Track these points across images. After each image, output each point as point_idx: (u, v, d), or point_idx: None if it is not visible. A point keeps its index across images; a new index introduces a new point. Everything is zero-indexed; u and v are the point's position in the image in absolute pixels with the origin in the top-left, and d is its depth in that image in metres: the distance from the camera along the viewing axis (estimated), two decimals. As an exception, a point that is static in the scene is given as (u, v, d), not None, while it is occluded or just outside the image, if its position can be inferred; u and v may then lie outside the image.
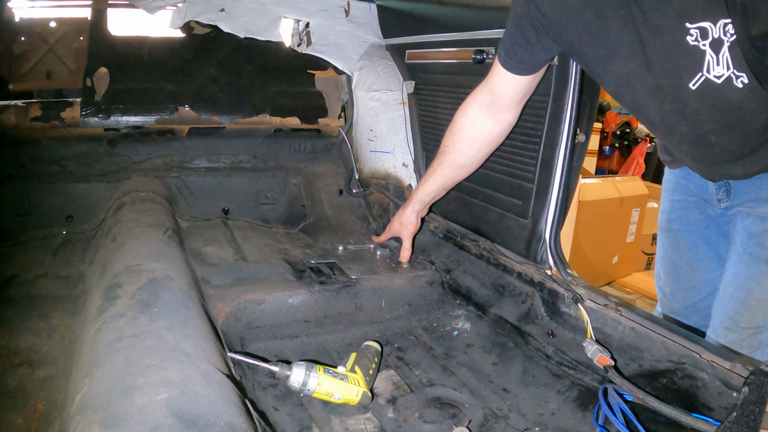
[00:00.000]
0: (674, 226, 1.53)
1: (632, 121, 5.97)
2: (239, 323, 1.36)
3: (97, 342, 0.94)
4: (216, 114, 2.15)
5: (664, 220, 1.57)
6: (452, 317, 1.56)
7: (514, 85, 1.33)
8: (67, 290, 1.42)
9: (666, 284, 1.61)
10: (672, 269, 1.58)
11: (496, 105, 1.38)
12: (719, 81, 1.01)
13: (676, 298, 1.58)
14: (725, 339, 1.34)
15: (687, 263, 1.53)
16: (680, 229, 1.52)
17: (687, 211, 1.49)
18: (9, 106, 1.91)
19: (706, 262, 1.49)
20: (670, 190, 1.54)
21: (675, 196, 1.52)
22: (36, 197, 1.85)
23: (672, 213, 1.53)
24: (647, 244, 3.78)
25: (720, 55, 0.98)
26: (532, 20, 1.20)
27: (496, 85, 1.35)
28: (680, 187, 1.49)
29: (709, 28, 0.96)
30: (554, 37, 1.21)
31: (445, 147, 1.50)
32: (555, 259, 1.43)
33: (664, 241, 1.58)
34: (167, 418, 0.73)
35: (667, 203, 1.55)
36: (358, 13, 2.08)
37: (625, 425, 0.97)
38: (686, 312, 1.57)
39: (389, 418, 1.13)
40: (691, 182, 1.47)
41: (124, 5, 2.06)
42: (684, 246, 1.52)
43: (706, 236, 1.47)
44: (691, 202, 1.47)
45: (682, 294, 1.56)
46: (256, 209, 2.15)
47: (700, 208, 1.46)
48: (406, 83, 1.97)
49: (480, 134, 1.45)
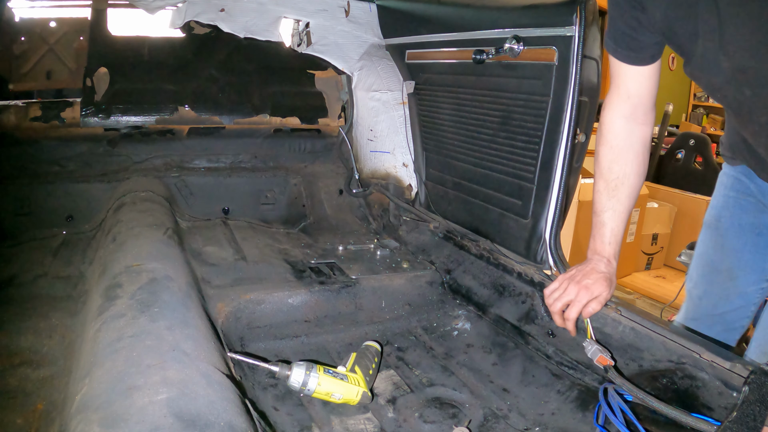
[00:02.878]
0: (723, 224, 1.39)
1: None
2: (239, 323, 1.36)
3: (97, 342, 0.94)
4: (216, 114, 2.15)
5: (713, 216, 1.42)
6: (452, 317, 1.56)
7: (646, 80, 1.19)
8: (67, 290, 1.42)
9: (696, 287, 1.48)
10: (709, 271, 1.44)
11: (637, 107, 1.23)
12: None
13: (704, 303, 1.45)
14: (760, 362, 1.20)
15: (727, 268, 1.39)
16: (728, 228, 1.38)
17: (741, 210, 1.35)
18: (9, 106, 1.91)
19: (747, 272, 1.36)
20: (727, 185, 1.39)
21: (731, 192, 1.38)
22: (36, 197, 1.85)
23: (724, 209, 1.39)
24: (647, 244, 3.78)
25: None
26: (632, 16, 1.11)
27: (632, 88, 1.21)
28: (738, 184, 1.36)
29: None
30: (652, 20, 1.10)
31: (616, 180, 1.25)
32: (555, 259, 1.43)
33: (707, 239, 1.44)
34: (167, 418, 0.73)
35: (720, 198, 1.41)
36: (358, 13, 2.07)
37: (625, 425, 0.96)
38: (710, 320, 1.44)
39: (389, 418, 1.13)
40: (753, 181, 1.33)
41: (124, 5, 2.06)
42: (728, 248, 1.38)
43: (755, 243, 1.34)
44: (748, 202, 1.34)
45: (713, 300, 1.43)
46: (256, 209, 2.15)
47: (756, 210, 1.33)
48: (406, 83, 1.97)
49: (640, 147, 1.25)
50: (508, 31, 1.45)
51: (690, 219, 3.67)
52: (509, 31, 1.44)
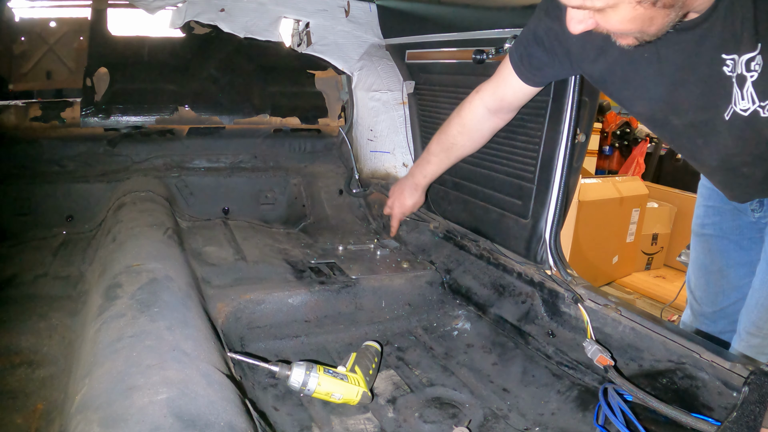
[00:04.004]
0: (707, 231, 1.53)
1: (632, 121, 5.96)
2: (239, 323, 1.36)
3: (97, 342, 0.94)
4: (216, 114, 2.15)
5: (698, 225, 1.56)
6: (452, 317, 1.56)
7: (523, 95, 1.38)
8: (67, 290, 1.42)
9: (696, 288, 1.61)
10: (703, 273, 1.58)
11: (504, 108, 1.45)
12: (746, 114, 1.03)
13: (705, 302, 1.58)
14: (748, 344, 1.34)
15: (718, 268, 1.53)
16: (713, 235, 1.51)
17: (721, 217, 1.49)
18: (9, 106, 1.91)
19: (736, 268, 1.49)
20: (705, 196, 1.54)
21: (710, 202, 1.52)
22: (36, 197, 1.85)
23: (706, 218, 1.53)
24: (647, 244, 3.78)
25: (744, 90, 1.00)
26: (552, 49, 1.23)
27: (508, 95, 1.40)
28: (716, 194, 1.48)
29: (736, 62, 0.99)
30: (579, 69, 1.24)
31: (452, 144, 1.57)
32: (555, 259, 1.43)
33: (697, 245, 1.58)
34: (167, 418, 0.73)
35: (701, 208, 1.55)
36: (358, 13, 2.08)
37: (625, 425, 0.96)
38: (714, 317, 1.56)
39: (389, 418, 1.13)
40: None
41: (124, 5, 2.07)
42: (716, 251, 1.52)
43: (738, 242, 1.47)
44: (725, 209, 1.47)
45: (712, 298, 1.56)
46: (256, 209, 2.15)
47: (734, 215, 1.46)
48: (406, 83, 1.97)
49: (487, 133, 1.53)
50: (508, 31, 1.45)
51: (690, 219, 3.66)
52: (509, 31, 1.44)
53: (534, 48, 1.26)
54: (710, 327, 1.58)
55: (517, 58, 1.31)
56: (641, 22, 0.91)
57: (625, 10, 0.89)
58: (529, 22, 1.28)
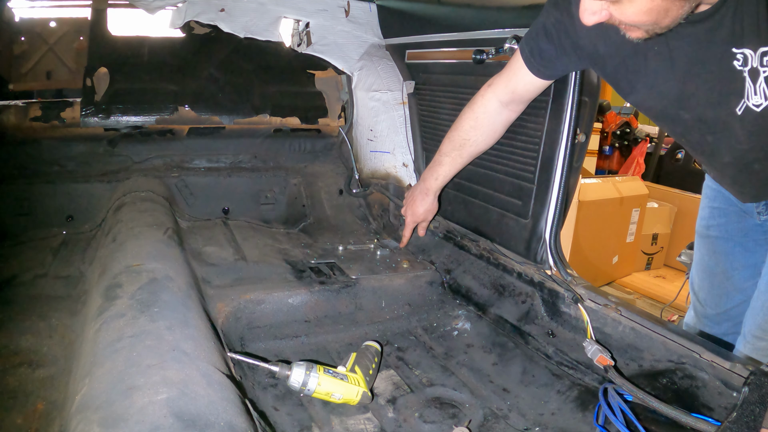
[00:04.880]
0: (712, 233, 1.52)
1: (632, 121, 5.96)
2: (239, 323, 1.36)
3: (97, 342, 0.94)
4: (216, 114, 2.15)
5: (703, 227, 1.55)
6: (452, 317, 1.56)
7: (534, 87, 1.35)
8: (67, 290, 1.42)
9: (700, 290, 1.59)
10: (707, 275, 1.57)
11: (515, 100, 1.42)
12: (758, 109, 1.01)
13: (708, 304, 1.57)
14: (753, 347, 1.32)
15: (722, 270, 1.51)
16: (718, 236, 1.50)
17: (726, 218, 1.47)
18: (9, 106, 1.91)
19: (740, 270, 1.47)
20: (710, 197, 1.52)
21: (715, 203, 1.50)
22: (36, 197, 1.85)
23: (711, 220, 1.52)
24: (647, 244, 3.78)
25: (757, 85, 0.99)
26: (560, 43, 1.22)
27: (519, 87, 1.37)
28: (721, 196, 1.47)
29: (749, 56, 0.97)
30: (588, 63, 1.24)
31: (465, 141, 1.51)
32: (555, 259, 1.43)
33: (701, 246, 1.57)
34: (167, 418, 0.73)
35: (706, 210, 1.54)
36: (358, 13, 2.08)
37: (625, 425, 0.96)
38: (718, 318, 1.56)
39: (389, 418, 1.13)
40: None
41: (124, 5, 2.06)
42: (720, 253, 1.51)
43: (743, 244, 1.46)
44: (731, 211, 1.46)
45: (716, 300, 1.55)
46: (256, 209, 2.15)
47: (739, 217, 1.44)
48: (406, 83, 1.97)
49: (500, 127, 1.49)
50: (508, 31, 1.45)
51: (690, 219, 3.66)
52: (509, 31, 1.44)
53: (543, 41, 1.25)
54: (714, 329, 1.57)
55: (528, 51, 1.29)
56: (657, 14, 0.90)
57: (641, 2, 0.88)
58: (540, 15, 1.26)
